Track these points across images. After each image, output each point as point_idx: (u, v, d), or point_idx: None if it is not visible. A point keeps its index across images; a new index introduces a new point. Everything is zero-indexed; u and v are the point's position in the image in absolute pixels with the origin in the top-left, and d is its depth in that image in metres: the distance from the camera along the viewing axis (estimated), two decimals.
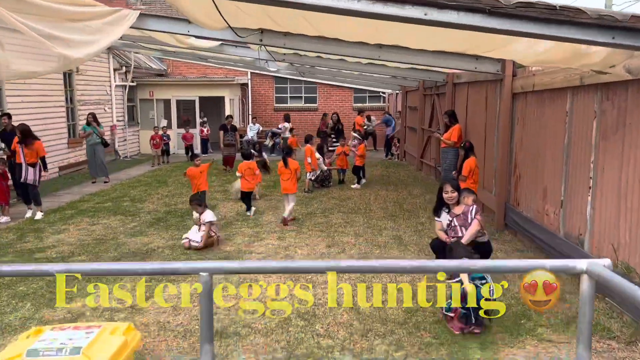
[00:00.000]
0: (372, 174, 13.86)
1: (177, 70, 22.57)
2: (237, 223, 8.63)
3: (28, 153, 8.98)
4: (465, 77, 9.94)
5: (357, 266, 1.79)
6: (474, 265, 1.82)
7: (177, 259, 6.64)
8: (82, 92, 15.90)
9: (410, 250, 6.85)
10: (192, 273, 1.84)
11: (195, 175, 9.49)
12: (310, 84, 22.39)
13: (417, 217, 8.86)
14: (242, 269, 1.76)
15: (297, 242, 7.39)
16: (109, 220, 8.87)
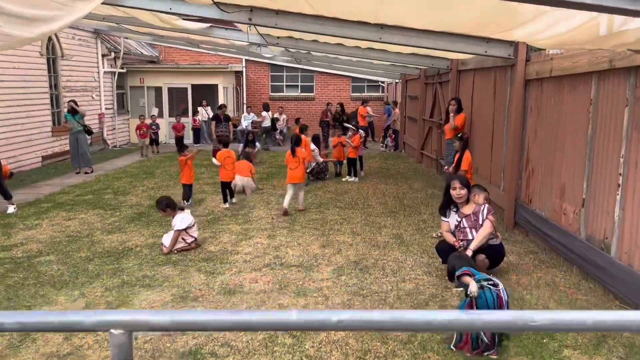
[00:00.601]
0: (370, 166, 13.22)
1: (169, 57, 21.82)
2: (225, 219, 7.99)
3: None
4: (472, 63, 9.27)
5: (348, 322, 1.07)
6: (532, 321, 1.16)
7: (155, 262, 6.00)
8: (68, 78, 15.17)
9: (413, 252, 6.22)
10: (98, 330, 1.18)
11: (180, 166, 8.93)
12: (307, 72, 21.67)
13: (419, 214, 8.23)
14: (175, 324, 1.09)
15: (288, 241, 6.76)
16: (87, 214, 8.22)
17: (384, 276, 5.37)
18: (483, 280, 3.88)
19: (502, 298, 3.84)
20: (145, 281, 5.33)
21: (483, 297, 3.76)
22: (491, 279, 3.93)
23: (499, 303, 3.78)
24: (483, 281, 3.85)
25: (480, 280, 3.85)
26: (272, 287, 5.09)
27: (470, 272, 3.90)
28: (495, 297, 3.81)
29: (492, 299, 3.80)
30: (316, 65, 18.47)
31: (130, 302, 4.80)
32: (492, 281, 3.89)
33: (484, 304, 3.74)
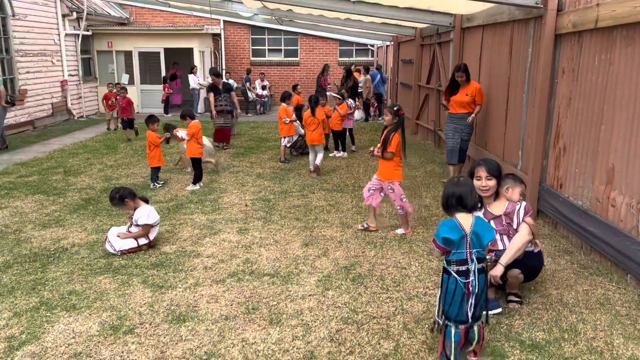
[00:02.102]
0: (360, 139, 11.89)
1: (140, 18, 20.05)
2: (190, 206, 6.68)
3: None
4: (481, 18, 7.89)
5: None
6: None
7: (91, 268, 4.70)
8: (22, 40, 13.48)
9: (417, 252, 4.98)
10: None
11: (151, 145, 7.57)
12: (290, 35, 20.05)
13: (420, 197, 6.98)
14: None
15: (262, 237, 5.48)
16: (24, 201, 6.86)
17: (384, 290, 4.14)
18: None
19: (469, 292, 3.01)
20: (71, 300, 4.05)
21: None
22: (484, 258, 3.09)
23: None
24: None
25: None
26: (237, 310, 3.83)
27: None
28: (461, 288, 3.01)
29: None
30: (300, 26, 16.87)
31: (40, 337, 3.52)
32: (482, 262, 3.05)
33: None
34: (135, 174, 8.49)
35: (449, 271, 3.04)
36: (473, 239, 3.01)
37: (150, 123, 7.69)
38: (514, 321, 3.63)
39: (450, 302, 3.04)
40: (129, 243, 5.05)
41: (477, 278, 3.03)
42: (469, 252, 3.01)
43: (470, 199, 3.03)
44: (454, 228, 3.02)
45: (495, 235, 3.03)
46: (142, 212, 5.13)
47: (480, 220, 3.11)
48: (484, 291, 3.09)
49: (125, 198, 5.16)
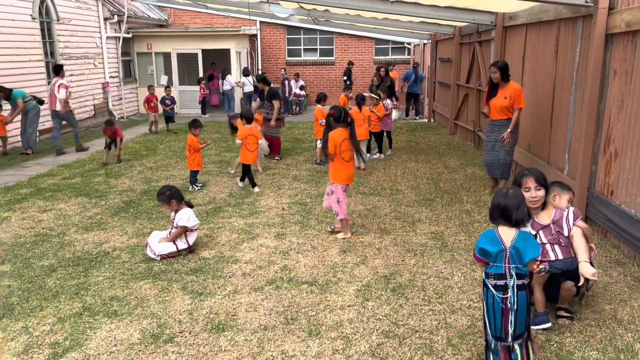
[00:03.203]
0: (397, 139, 11.73)
1: (179, 20, 20.36)
2: (228, 209, 6.70)
3: None
4: (524, 16, 7.63)
5: None
6: None
7: (132, 273, 4.75)
8: (66, 44, 13.87)
9: (460, 262, 4.84)
10: None
11: (191, 149, 7.67)
12: (326, 34, 19.99)
13: (460, 202, 6.81)
14: None
15: (300, 242, 5.43)
16: (68, 204, 7.02)
17: (426, 302, 4.02)
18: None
19: (507, 308, 2.87)
20: (113, 306, 4.09)
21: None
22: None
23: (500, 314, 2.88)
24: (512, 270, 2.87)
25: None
26: (276, 320, 3.79)
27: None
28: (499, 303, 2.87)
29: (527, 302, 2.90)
30: (336, 25, 16.78)
31: (83, 343, 3.56)
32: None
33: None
34: (174, 176, 8.59)
35: (487, 284, 2.93)
36: (513, 254, 2.87)
37: (192, 127, 7.77)
38: (565, 339, 3.47)
39: (490, 318, 2.92)
40: (168, 247, 5.08)
41: (516, 294, 2.88)
42: (508, 267, 2.87)
43: (515, 213, 2.88)
44: (493, 240, 2.90)
45: (538, 253, 2.89)
46: (183, 215, 5.16)
47: (525, 235, 2.94)
48: (526, 310, 2.93)
49: (173, 198, 5.18)
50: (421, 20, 11.00)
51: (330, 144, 5.31)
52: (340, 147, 5.30)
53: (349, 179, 5.46)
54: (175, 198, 5.20)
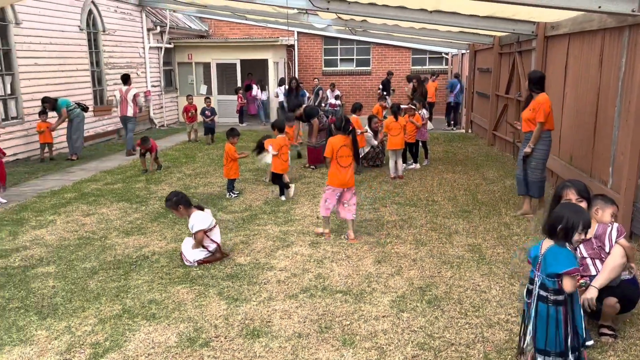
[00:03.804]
0: (434, 149, 11.63)
1: (219, 31, 20.80)
2: (263, 217, 6.77)
3: None
4: (567, 26, 7.47)
5: None
6: None
7: (170, 277, 4.85)
8: (111, 54, 14.36)
9: (498, 275, 4.74)
10: None
11: (229, 158, 7.79)
12: (363, 45, 20.03)
13: (498, 214, 6.68)
14: None
15: (334, 251, 5.44)
16: (110, 208, 7.23)
17: (462, 315, 3.96)
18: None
19: (566, 322, 2.93)
20: (151, 309, 4.18)
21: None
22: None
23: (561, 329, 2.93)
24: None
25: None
26: (310, 328, 3.80)
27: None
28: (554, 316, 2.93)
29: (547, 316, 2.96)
30: (373, 36, 16.82)
31: (122, 345, 3.65)
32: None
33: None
34: (212, 183, 8.74)
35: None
36: (543, 263, 2.99)
37: (231, 136, 7.89)
38: (608, 357, 3.35)
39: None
40: (200, 253, 5.13)
41: (536, 304, 3.00)
42: (537, 274, 3.01)
43: (561, 232, 2.92)
44: (537, 246, 3.08)
45: (560, 270, 2.88)
46: (195, 219, 5.11)
47: (558, 250, 2.94)
48: (552, 327, 2.95)
49: (180, 204, 5.12)
50: (460, 30, 10.92)
51: (328, 149, 5.72)
52: (338, 152, 5.66)
53: (342, 184, 5.74)
54: (182, 203, 5.14)
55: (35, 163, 10.66)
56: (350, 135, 5.68)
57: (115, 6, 14.49)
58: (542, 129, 6.12)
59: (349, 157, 5.69)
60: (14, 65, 10.68)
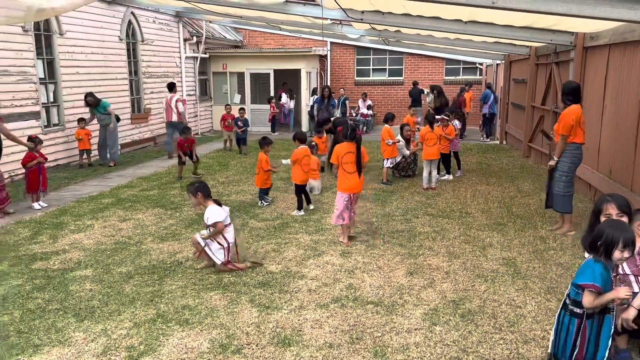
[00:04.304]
0: (467, 161, 11.49)
1: (253, 41, 21.09)
2: (294, 225, 6.81)
3: None
4: (607, 36, 7.30)
5: None
6: None
7: (203, 283, 4.92)
8: (148, 63, 14.74)
9: (533, 290, 4.63)
10: None
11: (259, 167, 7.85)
12: (396, 55, 19.99)
13: (534, 228, 6.54)
14: None
15: (365, 262, 5.42)
16: (145, 214, 7.39)
17: (497, 330, 3.88)
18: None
19: (577, 335, 2.99)
20: (185, 314, 4.25)
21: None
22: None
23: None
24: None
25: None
26: (341, 339, 3.79)
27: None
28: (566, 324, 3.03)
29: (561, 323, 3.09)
30: (406, 46, 16.78)
31: (156, 349, 3.72)
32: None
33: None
34: (244, 191, 8.84)
35: None
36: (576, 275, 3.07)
37: (264, 145, 7.97)
38: None
39: None
40: (220, 253, 5.13)
41: (560, 309, 3.13)
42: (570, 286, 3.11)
43: (601, 248, 2.94)
44: None
45: (581, 281, 2.94)
46: (210, 212, 5.13)
47: (589, 262, 2.99)
48: (558, 330, 3.10)
49: (199, 191, 5.16)
50: (495, 41, 10.79)
51: (333, 156, 6.05)
52: (342, 159, 5.90)
53: (350, 188, 5.95)
54: (202, 191, 5.17)
55: (75, 169, 10.99)
56: (355, 143, 5.88)
57: (154, 17, 14.88)
58: (566, 141, 5.97)
59: (353, 164, 5.89)
60: (57, 74, 11.08)
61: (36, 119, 10.33)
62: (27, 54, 10.07)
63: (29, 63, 10.12)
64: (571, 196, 6.17)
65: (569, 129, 5.88)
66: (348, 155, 5.89)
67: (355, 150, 5.88)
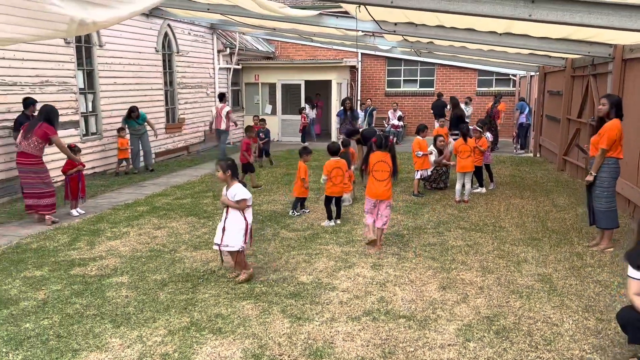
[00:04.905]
0: (500, 173, 11.31)
1: (284, 52, 21.32)
2: (325, 236, 6.82)
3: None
4: None
5: None
6: None
7: (236, 292, 4.97)
8: (183, 74, 15.06)
9: (570, 307, 4.52)
10: None
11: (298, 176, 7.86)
12: (427, 65, 19.90)
13: (570, 244, 6.39)
14: None
15: (397, 274, 5.38)
16: (179, 222, 7.52)
17: (533, 349, 3.80)
18: None
19: None
20: (217, 323, 4.30)
21: None
22: None
23: None
24: None
25: None
26: (373, 353, 3.77)
27: None
28: None
29: None
30: (438, 57, 16.70)
31: (190, 357, 3.77)
32: None
33: None
34: (275, 201, 8.91)
35: None
36: None
37: (304, 154, 8.02)
38: None
39: None
40: (240, 236, 5.09)
41: None
42: None
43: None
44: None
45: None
46: (237, 190, 5.13)
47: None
48: None
49: (230, 169, 5.15)
50: (530, 52, 10.65)
51: (365, 163, 6.39)
52: (374, 167, 6.20)
53: (377, 195, 6.19)
54: (232, 170, 5.19)
55: (111, 176, 11.27)
56: (390, 153, 6.22)
57: (189, 29, 15.21)
58: (605, 156, 5.81)
59: (385, 172, 6.17)
60: (96, 84, 11.42)
61: (75, 127, 10.66)
62: (68, 65, 10.42)
63: (70, 74, 10.47)
64: (615, 211, 6.02)
65: (611, 144, 5.74)
66: (380, 164, 6.19)
67: (390, 160, 6.19)
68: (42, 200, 7.39)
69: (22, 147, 7.29)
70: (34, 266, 5.68)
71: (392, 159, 6.22)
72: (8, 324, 4.30)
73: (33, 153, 7.30)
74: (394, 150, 6.33)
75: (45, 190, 7.42)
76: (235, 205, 5.13)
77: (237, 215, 5.15)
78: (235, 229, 5.14)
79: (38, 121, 7.39)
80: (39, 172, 7.41)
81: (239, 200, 5.13)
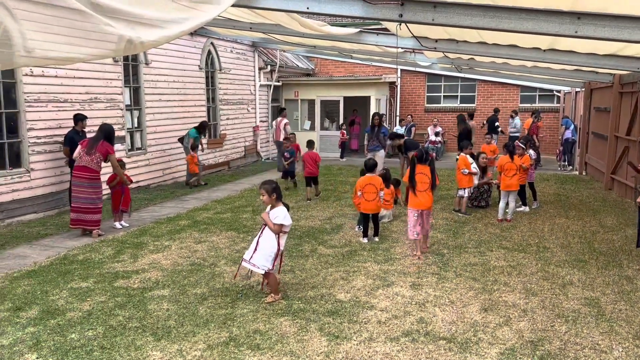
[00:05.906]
0: (544, 192, 11.01)
1: (324, 69, 21.51)
2: (363, 254, 6.78)
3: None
4: None
5: None
6: None
7: (274, 309, 4.99)
8: (225, 91, 15.39)
9: (620, 334, 4.33)
10: None
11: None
12: (468, 81, 19.67)
13: (619, 267, 6.14)
14: None
15: (437, 295, 5.29)
16: (219, 237, 7.63)
17: None
18: None
19: None
20: (256, 339, 4.32)
21: None
22: None
23: None
24: None
25: None
26: None
27: None
28: None
29: None
30: (479, 73, 16.50)
31: None
32: None
33: None
34: (313, 217, 8.93)
35: None
36: None
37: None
38: None
39: None
40: (270, 259, 5.08)
41: None
42: None
43: None
44: None
45: None
46: (280, 212, 5.10)
47: None
48: None
49: (275, 192, 5.15)
50: (576, 68, 10.39)
51: (406, 176, 6.79)
52: (414, 179, 6.62)
53: (420, 205, 6.57)
54: (277, 193, 5.18)
55: (154, 190, 11.57)
56: (430, 165, 6.63)
57: (232, 47, 15.57)
58: None
59: (424, 184, 6.57)
60: (142, 100, 11.80)
61: (122, 143, 11.02)
62: (116, 82, 10.83)
63: (117, 91, 10.87)
64: None
65: None
66: (420, 175, 6.61)
67: (429, 172, 6.60)
68: (86, 215, 7.64)
69: (83, 162, 7.58)
70: (80, 277, 5.87)
71: (431, 172, 6.61)
72: (55, 334, 4.44)
73: (94, 168, 7.61)
74: (434, 164, 6.72)
75: (91, 206, 7.65)
76: (272, 226, 5.14)
77: (272, 236, 5.15)
78: (267, 251, 5.14)
79: (99, 139, 7.68)
80: (96, 187, 7.70)
81: (277, 223, 5.13)
